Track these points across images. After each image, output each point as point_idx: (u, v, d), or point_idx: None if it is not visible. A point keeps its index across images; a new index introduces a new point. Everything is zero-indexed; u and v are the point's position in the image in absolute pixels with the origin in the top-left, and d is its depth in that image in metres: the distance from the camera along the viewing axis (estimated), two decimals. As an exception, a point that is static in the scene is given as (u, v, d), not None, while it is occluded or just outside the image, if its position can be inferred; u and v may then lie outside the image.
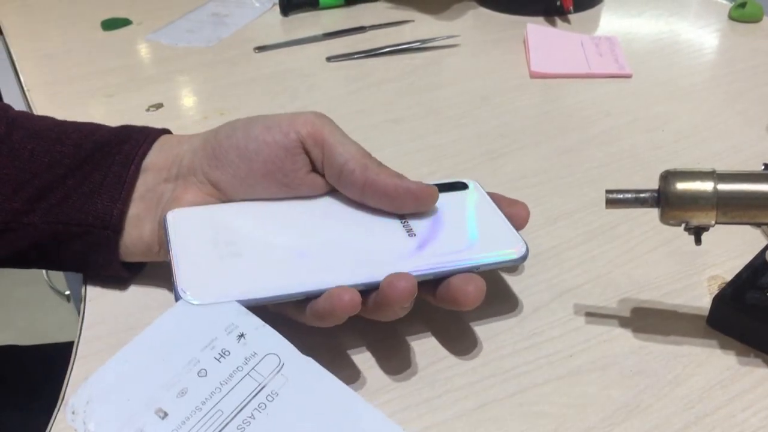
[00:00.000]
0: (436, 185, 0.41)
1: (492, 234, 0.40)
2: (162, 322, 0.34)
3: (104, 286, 0.44)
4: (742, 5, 0.82)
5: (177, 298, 0.35)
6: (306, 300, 0.36)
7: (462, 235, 0.39)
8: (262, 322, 0.33)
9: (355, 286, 0.35)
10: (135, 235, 0.41)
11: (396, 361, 0.39)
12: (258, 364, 0.32)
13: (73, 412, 0.30)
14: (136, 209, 0.41)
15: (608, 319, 0.41)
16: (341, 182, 0.40)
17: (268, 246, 0.38)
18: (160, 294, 0.43)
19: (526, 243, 0.39)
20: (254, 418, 0.30)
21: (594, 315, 0.41)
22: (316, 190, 0.41)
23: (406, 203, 0.40)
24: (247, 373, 0.31)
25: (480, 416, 0.35)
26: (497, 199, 0.43)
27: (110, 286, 0.44)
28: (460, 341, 0.40)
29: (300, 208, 0.41)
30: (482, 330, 0.40)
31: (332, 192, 0.42)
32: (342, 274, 0.36)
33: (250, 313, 0.34)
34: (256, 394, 0.31)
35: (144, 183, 0.41)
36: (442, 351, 0.39)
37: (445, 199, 0.41)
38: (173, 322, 0.34)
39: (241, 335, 0.33)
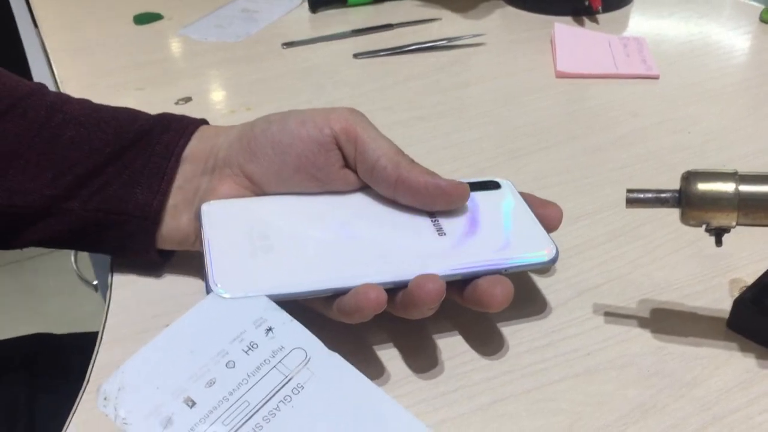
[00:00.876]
0: (468, 183, 0.41)
1: (522, 235, 0.40)
2: (193, 313, 0.34)
3: (131, 273, 0.45)
4: (775, 7, 0.81)
5: (208, 290, 0.35)
6: (334, 296, 0.36)
7: (492, 236, 0.39)
8: (290, 317, 0.34)
9: (383, 284, 0.35)
10: (172, 225, 0.42)
11: (414, 354, 0.39)
12: (285, 357, 0.32)
13: (105, 398, 0.31)
14: (174, 200, 0.42)
15: (627, 319, 0.41)
16: (373, 178, 0.40)
17: (300, 241, 0.39)
18: (184, 283, 0.44)
19: (556, 246, 0.39)
20: (279, 410, 0.30)
21: (613, 315, 0.41)
22: (348, 185, 0.42)
23: (437, 201, 0.40)
24: (274, 366, 0.32)
25: (495, 411, 0.36)
26: (529, 199, 0.43)
27: (137, 273, 0.45)
28: (477, 336, 0.40)
29: (332, 204, 0.41)
30: (501, 326, 0.41)
31: (364, 188, 0.42)
32: (371, 272, 0.36)
33: (278, 308, 0.35)
34: (282, 387, 0.31)
35: (182, 174, 0.42)
36: (460, 346, 0.39)
37: (476, 198, 0.42)
38: (204, 314, 0.34)
39: (270, 329, 0.33)
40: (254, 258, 0.37)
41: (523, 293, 0.43)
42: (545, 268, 0.43)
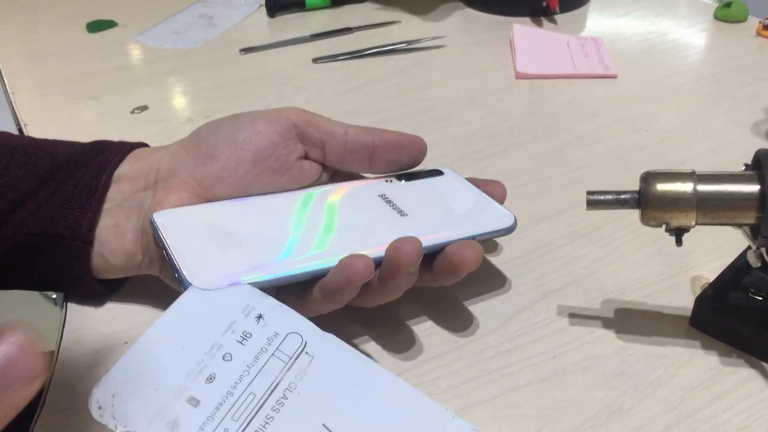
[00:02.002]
0: (414, 172, 0.44)
1: (478, 208, 0.42)
2: (176, 309, 0.33)
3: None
4: (728, 5, 0.83)
5: (185, 287, 0.34)
6: (308, 286, 0.36)
7: (451, 212, 0.41)
8: (278, 302, 0.33)
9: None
10: (116, 246, 0.40)
11: (380, 363, 0.38)
12: (281, 343, 0.31)
13: (99, 407, 0.29)
14: (113, 219, 0.40)
15: (591, 320, 0.41)
16: (346, 151, 0.42)
17: (266, 233, 0.38)
18: (144, 297, 0.43)
19: (512, 213, 0.41)
20: (287, 398, 0.29)
21: (577, 316, 0.41)
22: (303, 178, 0.42)
23: (410, 152, 0.43)
24: (272, 354, 0.31)
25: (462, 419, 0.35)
26: (472, 181, 0.45)
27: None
28: (443, 343, 0.40)
29: (289, 199, 0.41)
30: (466, 331, 0.40)
31: (313, 185, 0.42)
32: (348, 249, 0.36)
33: (264, 294, 0.33)
34: (285, 375, 0.30)
35: (119, 192, 0.40)
36: (425, 353, 0.39)
37: (425, 182, 0.43)
38: (187, 308, 0.33)
39: (260, 316, 0.32)
40: (224, 252, 0.36)
41: (490, 297, 0.43)
42: (508, 234, 0.42)
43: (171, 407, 0.29)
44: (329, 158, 0.42)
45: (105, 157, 0.41)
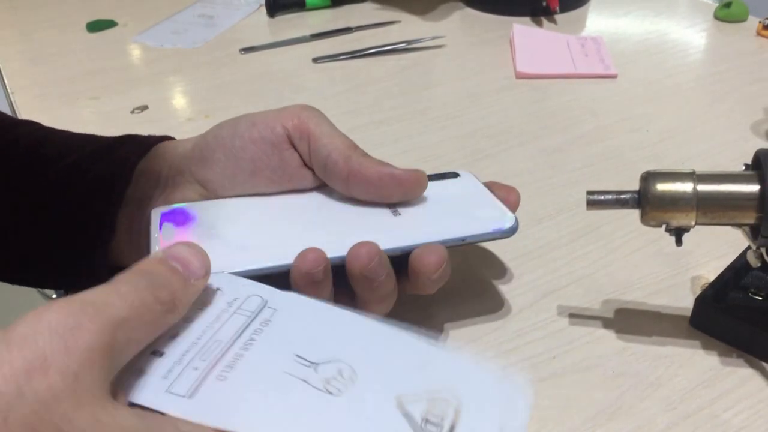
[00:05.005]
0: (428, 175, 0.41)
1: (479, 210, 0.39)
2: None
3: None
4: (728, 5, 0.83)
5: None
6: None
7: (449, 213, 0.39)
8: (231, 275, 0.33)
9: (337, 259, 0.35)
10: (126, 239, 0.40)
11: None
12: (242, 304, 0.31)
13: None
14: (128, 212, 0.40)
15: (592, 320, 0.41)
16: (327, 175, 0.39)
17: (251, 230, 0.38)
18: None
19: (515, 216, 0.38)
20: (254, 340, 0.29)
21: (577, 316, 0.41)
22: (305, 185, 0.41)
23: (393, 191, 0.39)
24: (234, 312, 0.31)
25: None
26: (489, 185, 0.42)
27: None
28: (443, 343, 0.40)
29: (286, 200, 0.41)
30: (466, 332, 0.40)
31: (320, 188, 0.41)
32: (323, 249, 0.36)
33: (217, 273, 0.33)
34: (250, 323, 0.30)
35: (137, 188, 0.41)
36: (426, 353, 0.39)
37: (435, 185, 0.41)
38: None
39: (218, 289, 0.32)
40: (202, 244, 0.36)
41: (490, 297, 0.43)
42: (506, 237, 0.42)
43: (134, 361, 0.28)
44: (316, 173, 0.40)
45: (128, 149, 0.42)
